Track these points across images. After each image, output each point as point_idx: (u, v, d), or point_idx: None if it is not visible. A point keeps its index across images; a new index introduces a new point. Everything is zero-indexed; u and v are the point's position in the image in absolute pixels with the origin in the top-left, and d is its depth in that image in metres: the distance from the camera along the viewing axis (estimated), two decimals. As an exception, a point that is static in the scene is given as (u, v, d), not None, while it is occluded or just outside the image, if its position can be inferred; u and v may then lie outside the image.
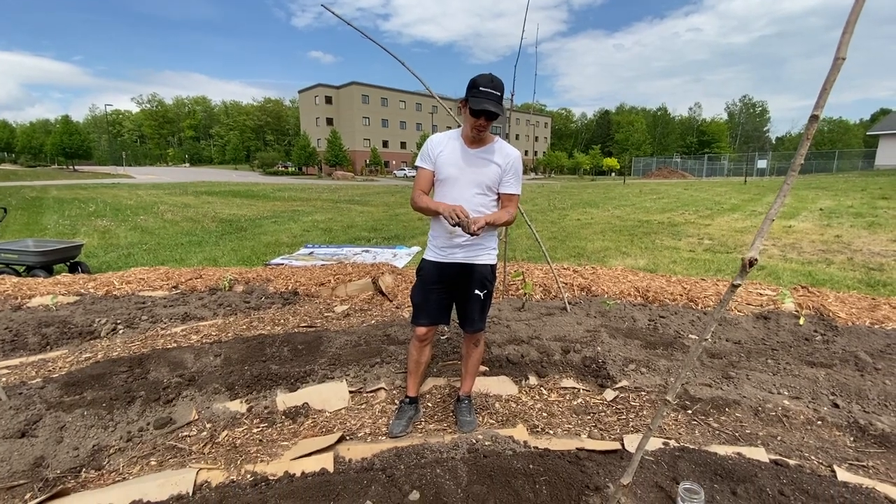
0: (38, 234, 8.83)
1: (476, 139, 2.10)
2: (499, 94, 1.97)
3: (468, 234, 1.92)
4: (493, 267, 2.26)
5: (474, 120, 2.00)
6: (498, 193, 2.19)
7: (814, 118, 0.93)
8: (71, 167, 49.91)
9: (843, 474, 1.90)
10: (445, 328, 3.51)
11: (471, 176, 2.11)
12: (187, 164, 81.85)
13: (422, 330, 2.27)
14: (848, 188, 18.23)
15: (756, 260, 1.04)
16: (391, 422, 2.35)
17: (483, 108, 1.92)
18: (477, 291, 2.21)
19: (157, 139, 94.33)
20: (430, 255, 2.24)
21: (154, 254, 7.13)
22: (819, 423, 2.31)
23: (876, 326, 3.49)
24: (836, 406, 2.45)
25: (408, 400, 2.41)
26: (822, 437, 2.23)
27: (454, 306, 2.32)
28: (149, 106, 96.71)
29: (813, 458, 2.06)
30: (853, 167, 39.08)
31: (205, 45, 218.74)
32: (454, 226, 1.95)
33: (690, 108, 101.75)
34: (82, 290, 4.53)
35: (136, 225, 10.39)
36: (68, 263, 5.78)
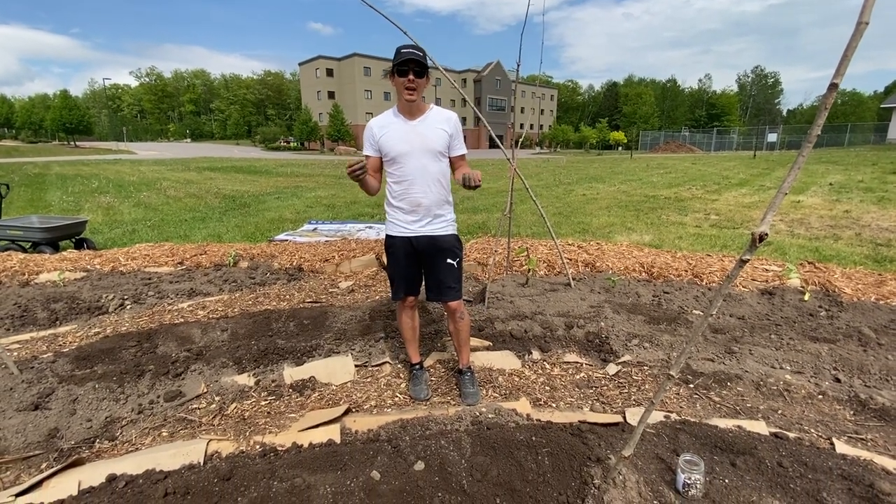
0: (43, 211, 8.85)
1: (412, 108, 2.13)
2: (420, 52, 2.03)
3: (474, 187, 2.01)
4: (457, 237, 2.33)
5: (403, 79, 2.03)
6: (449, 158, 2.26)
7: (833, 86, 0.89)
8: (72, 143, 49.59)
9: (841, 447, 1.92)
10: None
11: (421, 146, 2.15)
12: (188, 140, 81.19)
13: (407, 300, 2.38)
14: (859, 162, 17.89)
15: (766, 235, 1.02)
16: (412, 389, 2.44)
17: (406, 57, 1.98)
18: (449, 261, 2.27)
19: (157, 114, 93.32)
20: (396, 231, 2.28)
21: (158, 230, 7.15)
22: (820, 397, 2.33)
23: (881, 302, 3.48)
24: (838, 381, 2.47)
25: (418, 366, 2.52)
26: (823, 410, 2.25)
27: (424, 280, 2.38)
28: (147, 80, 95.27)
29: (813, 431, 2.08)
30: (865, 141, 38.24)
31: (203, 15, 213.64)
32: (358, 177, 2.01)
33: (700, 80, 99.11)
34: (89, 267, 4.56)
35: (139, 201, 10.39)
36: (74, 240, 5.81)
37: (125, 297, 3.79)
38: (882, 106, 39.23)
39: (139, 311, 3.59)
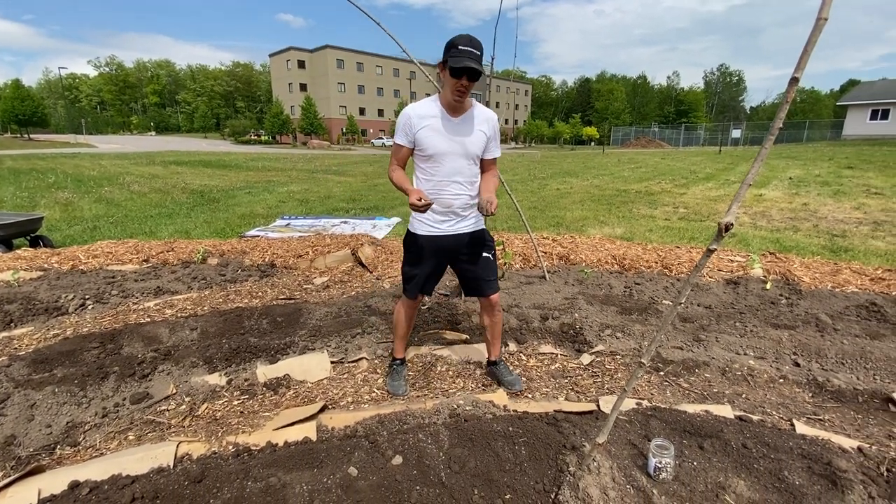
0: (-5, 207, 8.36)
1: (457, 106, 2.03)
2: (478, 52, 1.89)
3: (488, 216, 1.97)
4: (486, 230, 2.32)
5: (455, 81, 1.91)
6: (481, 159, 2.20)
7: (794, 80, 0.92)
8: (26, 136, 46.96)
9: (801, 427, 2.01)
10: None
11: (461, 148, 2.07)
12: (153, 133, 78.06)
13: (417, 299, 2.34)
14: (816, 158, 18.75)
15: (731, 224, 1.05)
16: (390, 384, 2.42)
17: (465, 65, 1.84)
18: (485, 254, 2.26)
19: (118, 106, 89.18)
20: (422, 230, 2.18)
21: (122, 226, 6.86)
22: (781, 380, 2.44)
23: (837, 290, 3.66)
24: (798, 365, 2.59)
25: (399, 361, 2.51)
26: (784, 393, 2.36)
27: (458, 278, 2.38)
28: (107, 69, 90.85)
29: (774, 413, 2.18)
30: (822, 137, 40.06)
31: (168, 2, 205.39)
32: (421, 212, 1.98)
33: (669, 77, 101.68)
34: (46, 265, 4.34)
35: (100, 197, 9.93)
36: (29, 237, 5.52)
37: (86, 296, 3.62)
38: (838, 104, 41.13)
39: (102, 310, 3.44)
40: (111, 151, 28.56)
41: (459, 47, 1.87)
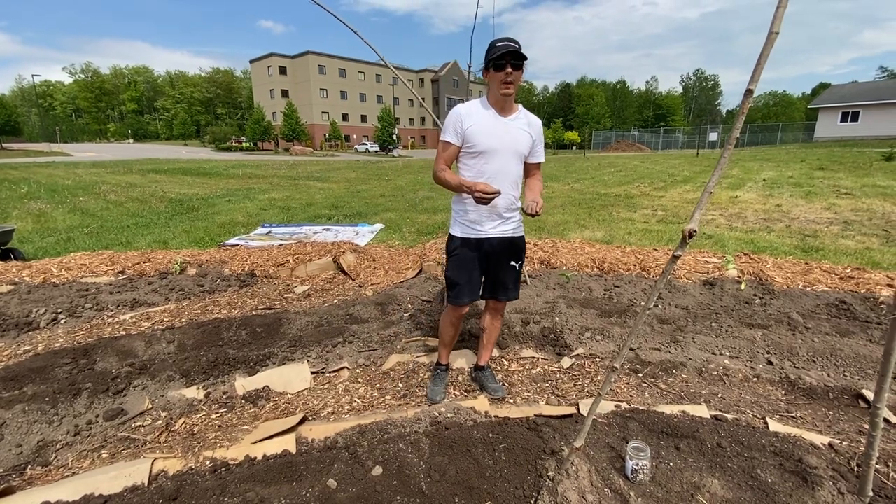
0: (-37, 219, 8.07)
1: (505, 104, 2.05)
2: (517, 45, 1.92)
3: (534, 215, 1.97)
4: (524, 238, 2.32)
5: (501, 73, 1.94)
6: (525, 162, 2.21)
7: (748, 92, 0.96)
8: (-3, 144, 45.63)
9: (774, 425, 2.07)
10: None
11: (511, 146, 2.09)
12: (131, 140, 76.45)
13: (465, 308, 2.31)
14: (789, 159, 19.30)
15: (695, 231, 1.08)
16: (429, 388, 2.41)
17: (503, 50, 1.88)
18: (513, 263, 2.27)
19: (94, 113, 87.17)
20: (466, 233, 2.19)
21: (97, 237, 6.69)
22: (755, 379, 2.50)
23: (808, 289, 3.77)
24: (771, 363, 2.66)
25: (444, 367, 2.52)
26: (758, 392, 2.42)
27: (484, 276, 2.35)
28: (83, 76, 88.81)
29: (749, 411, 2.23)
30: (795, 139, 41.27)
31: (145, 8, 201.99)
32: (486, 203, 1.96)
33: (647, 82, 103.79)
34: (16, 279, 4.21)
35: (75, 207, 9.68)
36: (-1, 250, 5.34)
37: (59, 310, 3.52)
38: (809, 107, 42.41)
39: (75, 325, 3.35)
40: (87, 160, 27.85)
41: (497, 45, 1.93)
